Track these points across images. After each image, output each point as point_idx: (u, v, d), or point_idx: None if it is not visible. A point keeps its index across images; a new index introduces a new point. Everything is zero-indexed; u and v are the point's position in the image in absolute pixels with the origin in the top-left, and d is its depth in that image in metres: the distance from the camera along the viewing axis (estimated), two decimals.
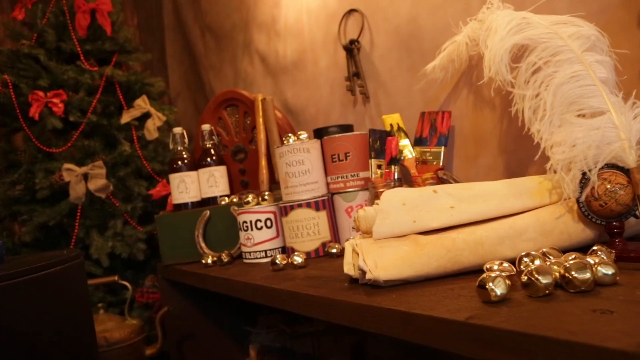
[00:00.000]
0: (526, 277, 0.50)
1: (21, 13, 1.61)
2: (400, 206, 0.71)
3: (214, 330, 1.37)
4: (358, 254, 0.69)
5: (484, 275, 0.51)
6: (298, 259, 0.90)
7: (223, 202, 1.22)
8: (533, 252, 0.58)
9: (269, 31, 1.60)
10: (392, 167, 0.97)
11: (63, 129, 1.51)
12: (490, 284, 0.49)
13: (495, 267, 0.58)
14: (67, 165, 1.43)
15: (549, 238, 0.64)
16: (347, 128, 1.21)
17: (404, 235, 0.71)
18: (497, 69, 0.72)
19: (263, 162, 1.26)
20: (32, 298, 0.63)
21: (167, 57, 2.44)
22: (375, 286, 0.64)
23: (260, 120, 1.27)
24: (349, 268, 0.68)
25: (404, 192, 0.74)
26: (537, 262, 0.57)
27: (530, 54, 0.70)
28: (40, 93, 1.48)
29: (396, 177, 0.97)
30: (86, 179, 1.44)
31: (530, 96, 0.67)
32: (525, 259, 0.57)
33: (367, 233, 0.75)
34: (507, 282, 0.50)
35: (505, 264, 0.57)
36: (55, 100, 1.48)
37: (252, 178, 1.34)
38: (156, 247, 1.60)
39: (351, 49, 1.25)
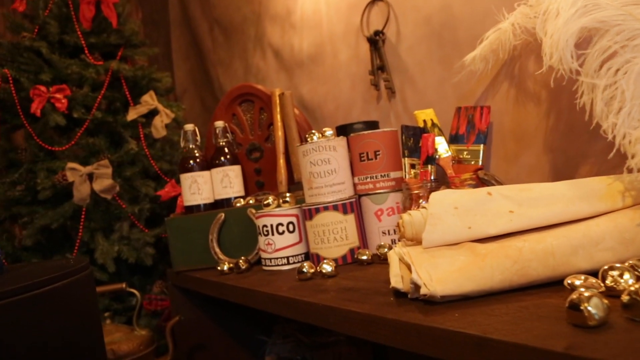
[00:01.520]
0: (628, 297, 0.42)
1: (22, 4, 1.53)
2: (452, 210, 0.63)
3: (227, 340, 1.29)
4: (406, 265, 0.61)
5: (576, 294, 0.42)
6: (327, 268, 0.82)
7: (238, 204, 1.14)
8: (618, 265, 0.50)
9: (283, 24, 1.52)
10: (429, 166, 0.89)
11: (66, 126, 1.43)
12: (587, 306, 0.41)
13: (578, 283, 0.50)
14: (71, 165, 1.35)
15: (630, 248, 0.55)
16: (373, 125, 1.13)
17: (457, 243, 0.63)
18: (561, 55, 0.64)
19: (281, 162, 1.17)
20: (37, 315, 0.55)
21: (172, 53, 2.36)
22: (428, 302, 0.56)
23: (278, 116, 1.19)
24: (396, 280, 0.60)
25: (454, 194, 0.66)
26: (627, 276, 0.49)
27: (601, 39, 0.61)
28: (43, 88, 1.39)
29: (433, 177, 0.89)
30: (91, 179, 1.36)
31: (603, 86, 0.59)
32: (612, 273, 0.49)
33: (413, 240, 0.67)
34: (606, 302, 0.42)
35: (592, 279, 0.49)
36: (58, 95, 1.40)
37: (268, 178, 1.26)
38: (164, 251, 1.51)
39: (375, 40, 1.17)
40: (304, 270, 0.82)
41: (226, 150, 1.21)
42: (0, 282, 0.56)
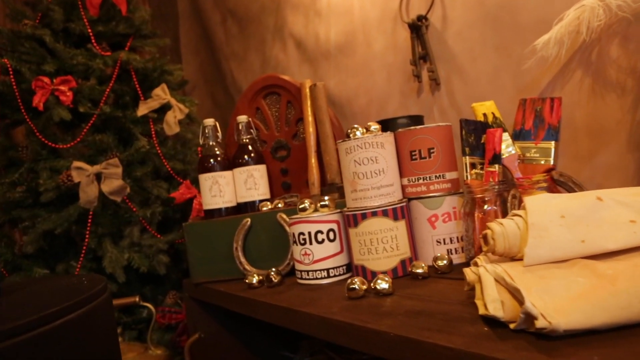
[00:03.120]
0: None
1: None
2: (559, 219, 0.51)
3: (249, 357, 1.16)
4: (508, 287, 0.49)
5: None
6: (383, 285, 0.70)
7: (265, 208, 1.02)
8: None
9: (307, 12, 1.41)
10: (496, 166, 0.77)
11: (71, 121, 1.31)
12: None
13: None
14: (77, 164, 1.23)
15: None
16: (418, 119, 1.01)
17: (565, 260, 0.51)
18: None
19: (313, 161, 1.06)
20: (45, 355, 0.43)
21: (181, 48, 2.24)
22: (541, 336, 0.44)
23: (309, 110, 1.07)
24: (495, 307, 0.48)
25: (555, 199, 0.54)
26: None
27: None
28: (46, 79, 1.27)
29: (500, 179, 0.77)
30: (99, 179, 1.24)
31: None
32: None
33: (504, 255, 0.55)
34: None
35: None
36: (62, 87, 1.27)
37: (296, 179, 1.14)
38: (177, 259, 1.39)
39: (418, 26, 1.05)
40: (355, 286, 0.70)
41: (250, 148, 1.09)
42: None
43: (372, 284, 0.71)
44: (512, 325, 0.47)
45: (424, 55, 1.06)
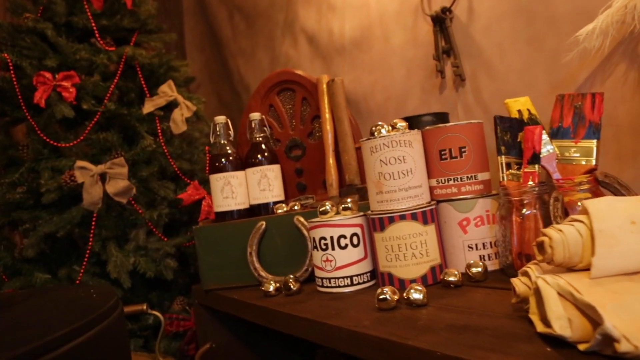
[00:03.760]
0: None
1: None
2: (629, 226, 0.45)
3: None
4: (576, 303, 0.43)
5: None
6: (416, 295, 0.64)
7: (280, 211, 0.96)
8: None
9: (320, 6, 1.35)
10: (536, 166, 0.71)
11: (74, 119, 1.25)
12: None
13: None
14: (80, 163, 1.17)
15: None
16: (443, 117, 0.96)
17: (636, 272, 0.45)
18: None
19: (331, 161, 1.00)
20: None
21: (185, 45, 2.19)
22: (613, 358, 0.39)
23: (327, 107, 1.01)
24: (562, 326, 0.43)
25: (622, 203, 0.48)
26: None
27: None
28: (48, 75, 1.21)
29: (540, 180, 0.72)
30: (103, 180, 1.18)
31: None
32: None
33: (563, 266, 0.49)
34: None
35: None
36: (65, 83, 1.22)
37: (311, 180, 1.08)
38: (184, 263, 1.33)
39: (442, 19, 1.00)
40: (386, 296, 0.65)
41: (264, 146, 1.03)
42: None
43: (404, 294, 0.65)
44: (582, 347, 0.42)
45: (448, 49, 1.01)
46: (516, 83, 0.91)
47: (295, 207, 0.96)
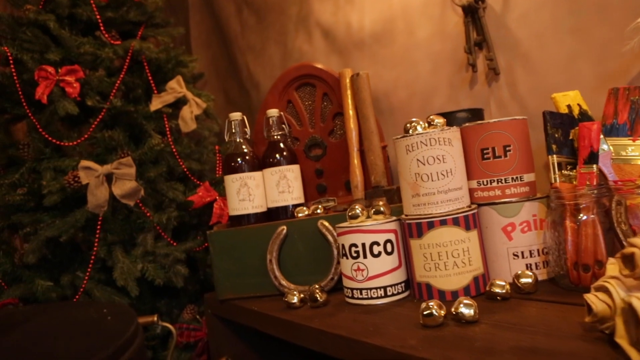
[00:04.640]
0: None
1: None
2: None
3: None
4: None
5: None
6: (467, 310, 0.57)
7: (301, 214, 0.89)
8: None
9: None
10: (594, 167, 0.65)
11: (77, 117, 1.18)
12: None
13: None
14: (85, 163, 1.10)
15: None
16: (478, 113, 0.89)
17: None
18: None
19: (356, 161, 0.93)
20: None
21: (191, 41, 2.12)
22: None
23: (350, 103, 0.94)
24: None
25: None
26: None
27: None
28: (50, 69, 1.14)
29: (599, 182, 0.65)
30: (109, 181, 1.11)
31: None
32: None
33: None
34: None
35: None
36: (68, 78, 1.15)
37: (332, 181, 1.02)
38: (194, 269, 1.26)
39: (474, 9, 0.93)
40: (432, 311, 0.58)
41: (282, 145, 0.96)
42: None
43: (452, 309, 0.58)
44: None
45: (480, 41, 0.94)
46: (557, 76, 0.84)
47: (318, 211, 0.89)
